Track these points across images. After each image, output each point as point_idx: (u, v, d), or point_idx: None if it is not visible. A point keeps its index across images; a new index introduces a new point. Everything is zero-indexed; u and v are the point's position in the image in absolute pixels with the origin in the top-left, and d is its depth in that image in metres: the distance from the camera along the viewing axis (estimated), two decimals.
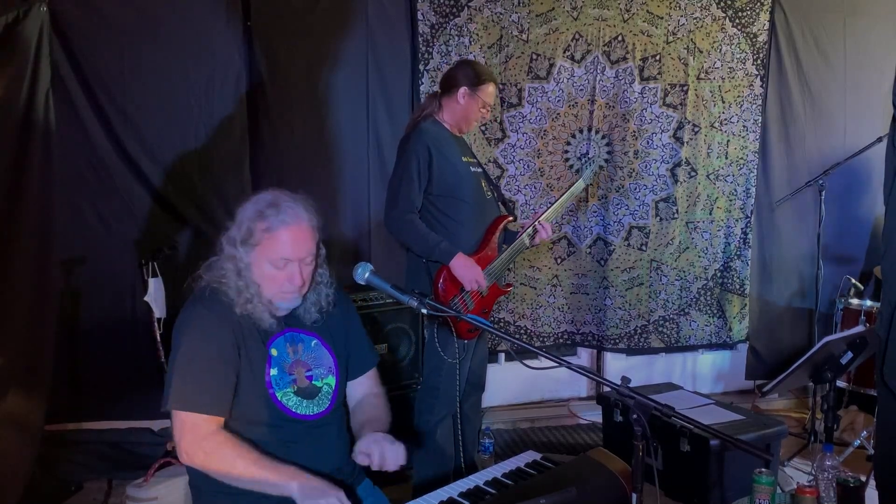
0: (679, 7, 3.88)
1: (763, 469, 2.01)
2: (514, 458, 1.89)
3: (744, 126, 4.05)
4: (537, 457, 1.88)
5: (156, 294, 2.97)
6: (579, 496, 1.46)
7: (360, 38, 3.54)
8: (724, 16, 3.94)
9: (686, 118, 3.95)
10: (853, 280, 3.73)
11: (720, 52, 3.96)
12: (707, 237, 4.08)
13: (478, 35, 3.67)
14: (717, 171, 4.05)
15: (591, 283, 4.01)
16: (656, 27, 3.87)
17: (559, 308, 4.01)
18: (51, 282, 3.05)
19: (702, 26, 3.92)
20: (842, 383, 3.57)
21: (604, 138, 3.92)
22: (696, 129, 3.98)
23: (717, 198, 4.07)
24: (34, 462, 2.92)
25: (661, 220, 4.01)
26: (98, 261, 3.26)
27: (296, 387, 1.76)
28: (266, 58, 3.39)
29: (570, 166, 3.91)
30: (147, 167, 3.27)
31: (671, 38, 3.89)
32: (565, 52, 3.80)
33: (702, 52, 3.93)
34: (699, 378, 4.34)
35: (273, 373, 1.73)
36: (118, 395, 3.27)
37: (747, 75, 4.01)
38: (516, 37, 3.73)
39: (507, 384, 4.01)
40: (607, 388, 2.14)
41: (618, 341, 4.04)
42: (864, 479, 2.06)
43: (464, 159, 2.79)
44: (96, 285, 3.28)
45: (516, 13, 3.71)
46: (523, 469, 1.82)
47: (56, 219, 3.07)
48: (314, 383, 1.80)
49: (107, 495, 3.06)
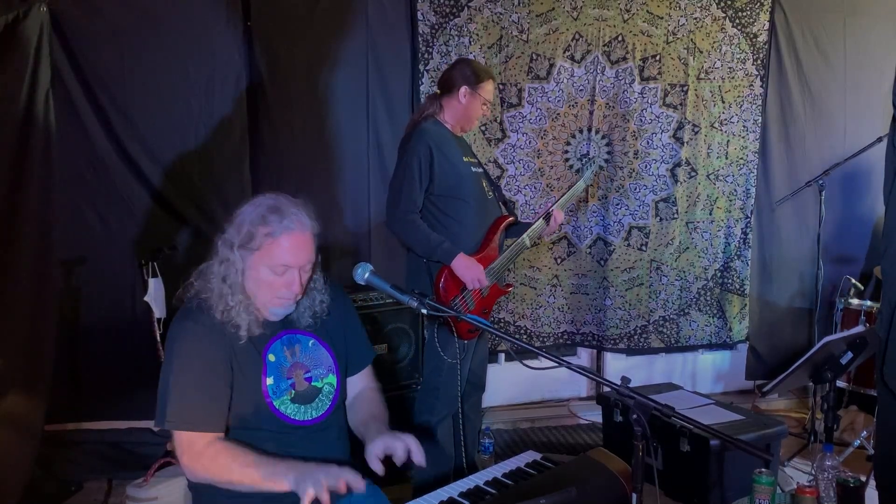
0: (679, 7, 3.87)
1: (763, 469, 2.01)
2: (514, 458, 1.89)
3: (744, 126, 4.05)
4: (537, 457, 1.88)
5: (156, 294, 2.97)
6: (579, 496, 1.46)
7: (360, 39, 3.54)
8: (724, 16, 3.94)
9: (686, 118, 3.95)
10: (853, 280, 3.73)
11: (720, 52, 3.96)
12: (707, 237, 4.08)
13: (478, 35, 3.67)
14: (717, 171, 4.05)
15: (591, 283, 4.01)
16: (656, 27, 3.87)
17: (559, 308, 4.01)
18: (51, 282, 3.05)
19: (702, 26, 3.92)
20: (842, 383, 3.57)
21: (604, 138, 3.92)
22: (696, 130, 3.98)
23: (717, 198, 4.07)
24: (34, 462, 2.92)
25: (661, 220, 4.01)
26: (98, 261, 3.26)
27: (293, 392, 1.75)
28: (266, 58, 3.40)
29: (570, 166, 3.91)
30: (147, 167, 3.27)
31: (671, 39, 3.89)
32: (565, 52, 3.80)
33: (702, 52, 3.93)
34: (699, 378, 4.34)
35: (269, 382, 1.71)
36: (118, 395, 3.27)
37: (747, 75, 4.01)
38: (516, 37, 3.73)
39: (507, 384, 4.01)
40: (607, 388, 2.14)
41: (618, 341, 4.04)
42: (864, 479, 2.06)
43: (465, 159, 2.79)
44: (96, 285, 3.28)
45: (516, 13, 3.71)
46: (523, 469, 1.82)
47: (56, 219, 3.07)
48: (314, 384, 1.79)
49: (107, 495, 3.06)
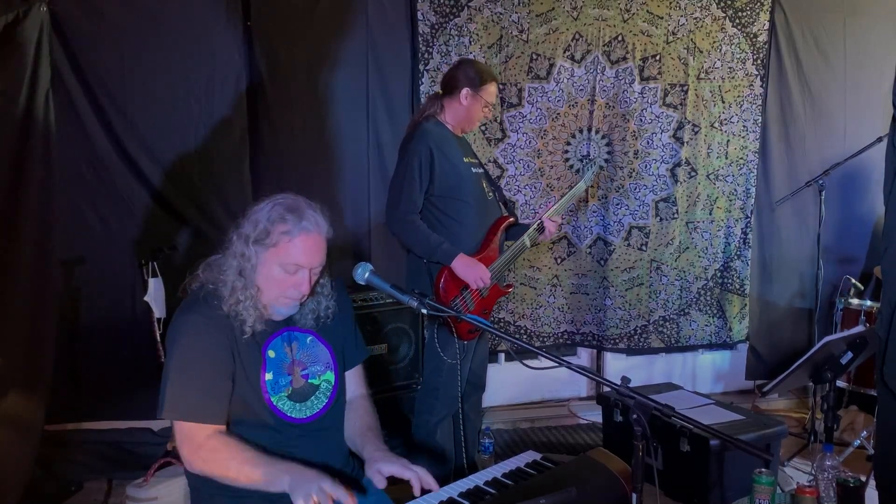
0: (679, 7, 3.87)
1: (763, 469, 2.01)
2: (514, 458, 1.89)
3: (744, 126, 4.05)
4: (537, 457, 1.87)
5: (156, 294, 2.97)
6: (579, 496, 1.46)
7: (360, 38, 3.55)
8: (724, 16, 3.94)
9: (686, 118, 3.95)
10: (853, 280, 3.73)
11: (720, 52, 3.96)
12: (707, 237, 4.08)
13: (478, 35, 3.67)
14: (717, 171, 4.05)
15: (591, 283, 4.01)
16: (656, 27, 3.87)
17: (559, 308, 4.01)
18: (51, 282, 3.05)
19: (702, 26, 3.92)
20: (842, 383, 3.57)
21: (604, 138, 3.92)
22: (696, 129, 3.98)
23: (717, 198, 4.07)
24: (34, 462, 2.92)
25: (661, 220, 4.01)
26: (98, 261, 3.27)
27: (290, 389, 1.76)
28: (266, 58, 3.40)
29: (571, 166, 3.91)
30: (147, 167, 3.27)
31: (671, 38, 3.89)
32: (565, 52, 3.80)
33: (702, 52, 3.93)
34: (699, 378, 4.34)
35: (268, 377, 1.73)
36: (118, 395, 3.27)
37: (747, 75, 4.01)
38: (516, 37, 3.73)
39: (507, 384, 4.01)
40: (607, 388, 2.14)
41: (618, 341, 4.04)
42: (864, 479, 2.06)
43: (465, 160, 2.79)
44: (96, 285, 3.28)
45: (516, 13, 3.71)
46: (523, 469, 1.82)
47: (56, 219, 3.07)
48: (311, 381, 1.80)
49: (107, 495, 3.06)
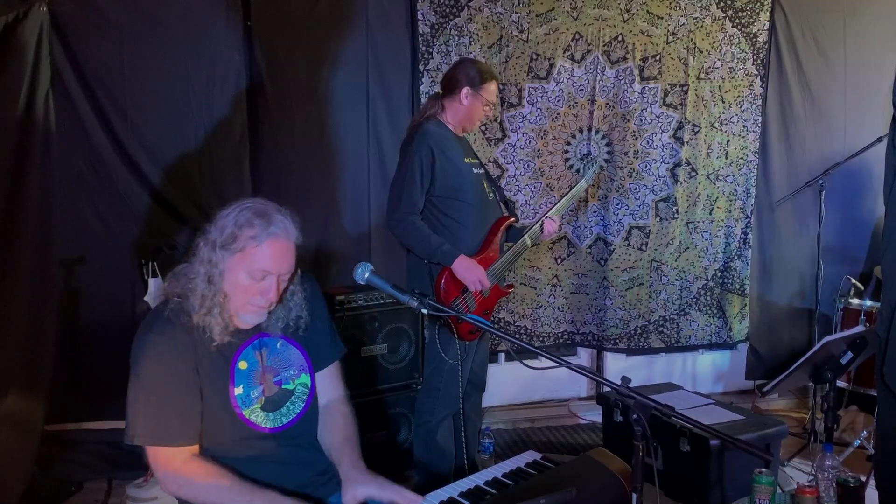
0: (679, 7, 3.87)
1: (763, 469, 2.01)
2: (515, 458, 1.89)
3: (744, 126, 4.05)
4: (537, 457, 1.87)
5: (156, 294, 2.96)
6: (579, 496, 1.46)
7: (360, 38, 3.54)
8: (724, 16, 3.94)
9: (686, 118, 3.95)
10: (853, 280, 3.73)
11: (720, 52, 3.96)
12: (707, 237, 4.08)
13: (478, 35, 3.67)
14: (717, 171, 4.05)
15: (591, 283, 4.01)
16: (656, 27, 3.87)
17: (559, 308, 4.01)
18: (51, 282, 3.05)
19: (702, 26, 3.92)
20: (842, 383, 3.56)
21: (604, 138, 3.92)
22: (696, 129, 3.98)
23: (717, 198, 4.07)
24: (34, 462, 2.92)
25: (661, 220, 4.01)
26: (98, 261, 3.27)
27: (262, 399, 1.71)
28: (266, 58, 3.39)
29: (570, 166, 3.91)
30: (147, 167, 3.27)
31: (671, 38, 3.89)
32: (565, 52, 3.80)
33: (702, 52, 3.93)
34: (699, 378, 4.34)
35: (238, 391, 1.68)
36: (118, 395, 3.22)
37: (747, 75, 4.01)
38: (516, 37, 3.73)
39: (507, 384, 4.01)
40: (607, 388, 2.14)
41: (618, 341, 4.04)
42: (864, 479, 2.06)
43: (466, 160, 2.79)
44: (96, 285, 3.28)
45: (516, 13, 3.71)
46: (523, 469, 1.82)
47: (56, 219, 3.07)
48: (284, 387, 1.76)
49: (107, 495, 3.06)
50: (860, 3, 4.10)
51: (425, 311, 1.66)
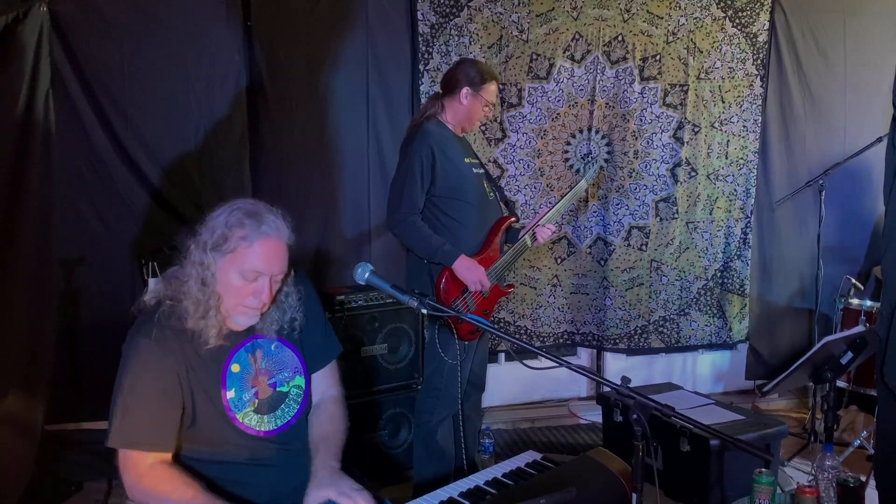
0: (679, 7, 3.87)
1: (763, 469, 2.01)
2: (514, 458, 1.89)
3: (744, 126, 4.05)
4: (537, 457, 1.87)
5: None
6: (579, 496, 1.46)
7: (360, 38, 3.54)
8: (724, 16, 3.94)
9: (686, 118, 3.95)
10: (853, 280, 3.73)
11: (720, 52, 3.96)
12: (707, 237, 4.08)
13: (478, 35, 3.67)
14: (717, 171, 4.05)
15: (591, 283, 4.01)
16: (656, 27, 3.87)
17: (559, 308, 4.01)
18: (51, 282, 3.05)
19: (702, 26, 3.92)
20: (842, 383, 3.56)
21: (604, 138, 3.92)
22: (696, 129, 3.98)
23: (717, 198, 4.07)
24: (34, 462, 2.92)
25: (661, 220, 4.01)
26: (98, 261, 3.26)
27: (257, 402, 1.70)
28: (266, 58, 3.39)
29: (570, 166, 3.91)
30: (147, 167, 3.27)
31: (671, 38, 3.89)
32: (565, 52, 3.79)
33: (702, 52, 3.93)
34: (699, 378, 4.34)
35: (230, 395, 1.66)
36: None
37: (747, 75, 4.01)
38: (516, 37, 3.73)
39: (507, 384, 4.01)
40: (607, 388, 2.14)
41: (618, 341, 4.04)
42: (864, 479, 2.05)
43: (466, 160, 2.79)
44: (96, 285, 3.27)
45: (516, 13, 3.71)
46: (523, 469, 1.82)
47: (56, 219, 3.07)
48: (279, 390, 1.74)
49: (107, 495, 3.06)
50: (860, 3, 4.10)
51: (425, 311, 1.66)
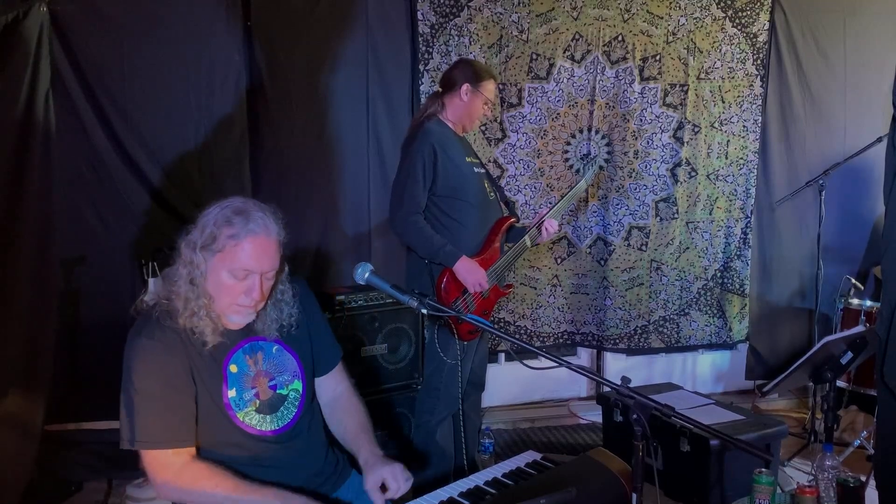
0: (679, 7, 3.87)
1: (763, 469, 2.01)
2: (514, 458, 1.89)
3: (744, 126, 4.05)
4: (537, 457, 1.88)
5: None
6: (579, 496, 1.46)
7: (360, 39, 3.54)
8: (724, 16, 3.94)
9: (686, 118, 3.95)
10: (853, 280, 3.73)
11: (720, 52, 3.96)
12: (707, 237, 4.08)
13: (478, 35, 3.67)
14: (718, 171, 4.05)
15: (591, 283, 4.01)
16: (656, 27, 3.87)
17: (559, 308, 4.01)
18: (51, 282, 3.05)
19: (702, 26, 3.92)
20: (842, 383, 3.57)
21: (604, 138, 3.92)
22: (697, 130, 3.98)
23: (717, 198, 4.07)
24: (34, 462, 2.92)
25: (661, 220, 4.01)
26: (98, 261, 3.26)
27: (258, 402, 1.70)
28: (266, 58, 3.39)
29: (570, 166, 3.91)
30: (147, 167, 3.26)
31: (671, 38, 3.89)
32: (565, 52, 3.79)
33: (702, 52, 3.93)
34: (699, 378, 4.34)
35: (231, 394, 1.66)
36: (118, 395, 3.26)
37: (747, 75, 4.01)
38: (516, 37, 3.73)
39: (507, 384, 4.01)
40: (607, 388, 2.14)
41: (618, 341, 4.04)
42: (864, 479, 2.06)
43: (467, 160, 2.79)
44: (96, 285, 3.27)
45: (516, 13, 3.71)
46: (523, 469, 1.82)
47: (56, 219, 3.07)
48: (279, 392, 1.75)
49: (107, 495, 3.06)
50: (860, 3, 4.11)
51: (425, 311, 1.66)
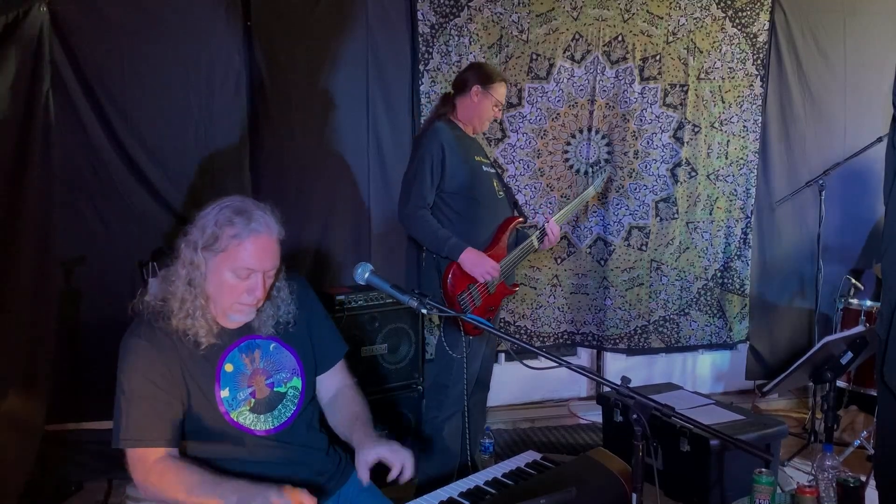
0: (679, 7, 3.87)
1: (763, 469, 2.01)
2: (515, 458, 1.89)
3: (744, 126, 4.05)
4: (537, 457, 1.88)
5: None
6: (579, 496, 1.46)
7: (360, 39, 3.54)
8: (724, 16, 3.94)
9: (686, 118, 3.95)
10: (853, 280, 3.73)
11: (720, 52, 3.96)
12: (707, 237, 4.08)
13: (478, 35, 3.67)
14: (718, 171, 4.05)
15: (591, 283, 4.01)
16: (656, 27, 3.87)
17: (559, 308, 4.00)
18: (51, 282, 3.05)
19: (702, 26, 3.92)
20: (842, 383, 3.56)
21: (604, 138, 3.92)
22: (697, 130, 3.98)
23: (717, 198, 4.07)
24: (34, 462, 2.92)
25: (661, 220, 4.01)
26: (98, 261, 3.26)
27: (253, 401, 1.70)
28: (266, 58, 3.39)
29: (571, 166, 3.91)
30: (147, 167, 3.26)
31: (671, 39, 3.89)
32: (565, 53, 3.79)
33: (702, 52, 3.93)
34: (699, 378, 4.34)
35: (224, 394, 1.66)
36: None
37: (747, 75, 4.01)
38: (516, 37, 3.73)
39: (507, 384, 4.00)
40: (607, 388, 2.14)
41: (618, 341, 4.04)
42: (864, 479, 2.06)
43: (477, 159, 2.84)
44: (96, 285, 3.27)
45: (516, 13, 3.71)
46: (523, 469, 1.82)
47: (56, 219, 3.07)
48: (276, 390, 1.74)
49: (107, 495, 3.06)
50: (860, 3, 4.11)
51: (425, 312, 1.66)
